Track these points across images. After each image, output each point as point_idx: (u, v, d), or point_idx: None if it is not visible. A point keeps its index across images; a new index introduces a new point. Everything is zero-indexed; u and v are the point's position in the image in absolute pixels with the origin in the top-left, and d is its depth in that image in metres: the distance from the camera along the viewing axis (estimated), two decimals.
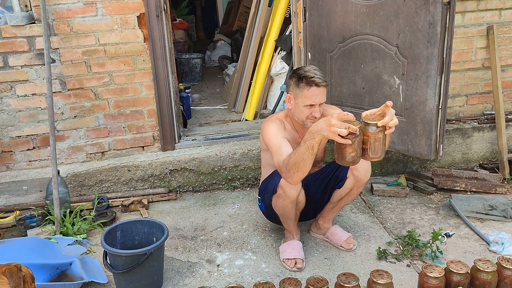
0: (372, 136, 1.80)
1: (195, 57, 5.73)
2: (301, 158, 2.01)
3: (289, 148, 2.21)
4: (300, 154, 2.01)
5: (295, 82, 2.32)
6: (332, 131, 1.81)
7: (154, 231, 2.35)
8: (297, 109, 2.35)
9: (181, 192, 3.33)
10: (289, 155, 2.11)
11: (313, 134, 1.94)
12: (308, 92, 2.27)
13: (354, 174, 2.42)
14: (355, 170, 2.41)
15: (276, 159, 2.22)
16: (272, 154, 2.29)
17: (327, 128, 1.85)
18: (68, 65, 3.00)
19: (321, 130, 1.89)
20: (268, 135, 2.35)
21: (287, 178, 2.14)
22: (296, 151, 2.04)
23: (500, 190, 3.14)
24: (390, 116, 1.79)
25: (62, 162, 3.15)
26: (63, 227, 2.70)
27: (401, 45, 2.75)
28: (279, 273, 2.37)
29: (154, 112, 3.22)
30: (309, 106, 2.30)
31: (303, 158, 2.00)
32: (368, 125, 1.80)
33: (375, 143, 1.81)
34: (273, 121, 2.42)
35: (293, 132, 2.46)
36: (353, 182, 2.45)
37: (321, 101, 2.31)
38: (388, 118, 1.78)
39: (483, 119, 3.54)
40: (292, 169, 2.06)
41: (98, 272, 2.31)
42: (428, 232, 2.67)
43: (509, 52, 3.47)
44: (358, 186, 2.47)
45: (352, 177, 2.44)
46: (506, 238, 2.56)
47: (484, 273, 2.00)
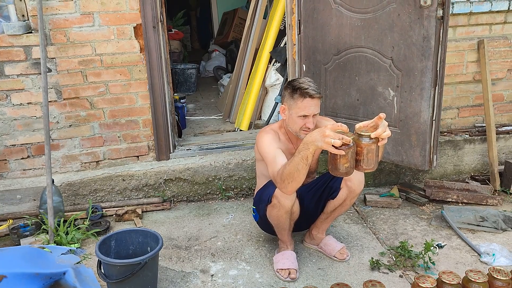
0: (365, 148, 1.82)
1: (190, 67, 5.76)
2: (296, 169, 2.04)
3: (284, 159, 2.23)
4: (294, 164, 2.04)
5: (290, 93, 2.35)
6: (326, 142, 1.84)
7: (149, 240, 2.36)
8: (291, 120, 2.38)
9: (175, 202, 3.33)
10: (284, 165, 2.13)
11: (307, 144, 1.97)
12: (302, 103, 2.30)
13: (347, 185, 2.45)
14: (348, 181, 2.44)
15: (271, 169, 2.24)
16: (267, 165, 2.31)
17: (321, 138, 1.87)
18: (64, 75, 3.01)
19: (315, 141, 1.92)
20: (263, 146, 2.37)
21: (282, 188, 2.17)
22: (291, 162, 2.07)
23: (491, 201, 3.18)
24: (383, 127, 1.82)
25: (56, 171, 3.14)
26: (56, 236, 2.70)
27: (395, 58, 2.79)
28: (273, 283, 2.38)
29: (149, 122, 3.24)
30: (303, 117, 2.33)
31: (298, 168, 2.03)
32: (362, 136, 1.83)
33: (368, 155, 1.84)
34: (267, 132, 2.44)
35: (287, 143, 2.49)
36: (346, 193, 2.47)
37: (315, 112, 2.34)
38: (381, 130, 1.81)
39: (474, 132, 3.59)
40: (287, 179, 2.09)
41: (92, 281, 2.30)
42: (420, 243, 2.69)
43: (499, 66, 3.54)
44: (351, 197, 2.49)
45: (345, 188, 2.47)
46: (497, 250, 2.59)
47: (475, 284, 2.02)
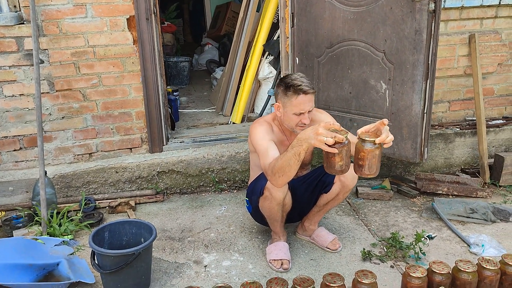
0: (369, 153, 1.83)
1: (183, 60, 5.74)
2: (287, 163, 2.06)
3: (276, 152, 2.25)
4: (286, 159, 2.06)
5: (283, 90, 2.34)
6: (318, 140, 1.87)
7: (142, 231, 2.37)
8: (286, 117, 2.38)
9: (169, 194, 3.34)
10: (276, 159, 2.15)
11: (300, 141, 1.99)
12: (296, 100, 2.30)
13: (341, 180, 2.47)
14: (342, 176, 2.45)
15: (263, 161, 2.26)
16: (259, 156, 2.33)
17: (314, 136, 1.90)
18: (57, 66, 3.00)
19: (308, 138, 1.95)
20: (256, 138, 2.39)
21: (272, 181, 2.19)
22: (283, 156, 2.09)
23: (481, 194, 3.23)
24: (387, 133, 1.85)
25: (49, 163, 3.13)
26: (49, 228, 2.70)
27: (387, 51, 2.82)
28: (265, 274, 2.40)
29: (143, 114, 3.24)
30: (298, 114, 2.33)
31: (289, 163, 2.06)
32: (365, 142, 1.84)
33: (372, 160, 1.85)
34: (261, 124, 2.45)
35: (280, 135, 2.50)
36: (339, 188, 2.50)
37: (310, 109, 2.34)
38: (385, 135, 1.83)
39: (464, 125, 3.63)
40: (278, 172, 2.11)
41: (85, 272, 2.31)
42: (411, 234, 2.73)
43: (490, 60, 3.58)
44: (344, 191, 2.51)
45: (339, 182, 2.49)
46: (486, 241, 2.63)
47: (465, 274, 2.06)
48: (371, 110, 3.00)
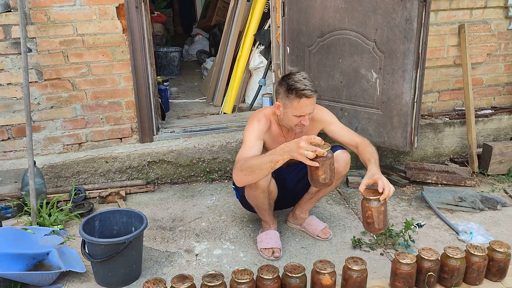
0: (375, 210, 1.96)
1: (173, 50, 5.71)
2: (260, 167, 2.06)
3: (257, 151, 2.25)
4: (261, 162, 2.05)
5: (285, 91, 2.26)
6: (300, 153, 1.91)
7: (133, 220, 2.36)
8: (286, 117, 2.33)
9: (159, 184, 3.33)
10: (251, 157, 2.14)
11: (282, 152, 2.00)
12: (298, 104, 2.23)
13: None
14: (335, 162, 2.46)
15: (240, 153, 2.26)
16: (241, 147, 2.33)
17: (296, 149, 1.93)
18: (45, 55, 2.96)
19: (290, 151, 1.96)
20: (247, 130, 2.37)
21: (235, 175, 2.18)
22: (260, 158, 2.09)
23: (469, 183, 3.27)
24: (388, 187, 1.96)
25: (38, 153, 3.10)
26: (39, 218, 2.68)
27: (378, 40, 2.82)
28: (257, 262, 2.42)
29: (133, 104, 3.22)
30: (298, 116, 2.28)
31: (262, 167, 2.05)
32: (370, 200, 1.96)
33: (380, 216, 1.97)
34: (259, 120, 2.39)
35: (278, 130, 2.46)
36: None
37: (311, 111, 2.29)
38: (387, 191, 1.95)
39: (454, 115, 3.66)
40: (246, 170, 2.10)
41: (76, 261, 2.30)
42: (401, 223, 2.76)
43: (479, 50, 3.60)
44: (337, 178, 2.51)
45: None
46: (474, 228, 2.67)
47: (453, 260, 2.08)
48: (362, 99, 3.01)
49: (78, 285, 2.23)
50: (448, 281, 2.10)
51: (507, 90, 3.83)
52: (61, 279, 2.25)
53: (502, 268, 2.14)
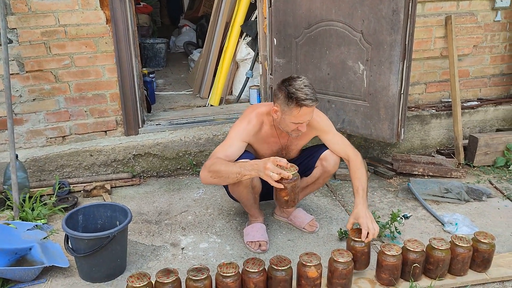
0: (359, 251, 2.12)
1: (159, 42, 5.64)
2: (227, 175, 2.10)
3: (234, 154, 2.23)
4: (228, 171, 2.09)
5: (285, 98, 2.16)
6: (265, 174, 1.98)
7: (117, 214, 2.33)
8: (283, 123, 2.26)
9: (145, 178, 3.30)
10: (222, 162, 2.13)
11: (251, 168, 2.05)
12: (298, 113, 2.16)
13: (323, 165, 2.46)
14: (325, 161, 2.44)
15: (217, 149, 2.25)
16: (222, 143, 2.31)
17: (263, 170, 1.98)
18: (27, 46, 2.89)
19: (258, 170, 2.01)
20: (234, 128, 2.32)
21: (202, 173, 2.18)
22: (228, 166, 2.10)
23: (455, 174, 3.28)
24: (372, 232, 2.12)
25: (20, 147, 3.05)
26: (22, 212, 2.63)
27: (365, 32, 2.80)
28: (243, 255, 2.40)
29: (117, 96, 3.17)
30: (296, 123, 2.22)
31: (228, 176, 2.10)
32: (356, 242, 2.12)
33: (362, 257, 2.13)
34: (250, 121, 2.32)
35: (271, 131, 2.40)
36: (320, 172, 2.49)
37: (310, 118, 2.24)
38: (371, 236, 2.11)
39: (440, 107, 3.67)
40: (213, 173, 2.13)
41: (59, 256, 2.27)
42: (387, 214, 2.76)
43: (465, 42, 3.61)
44: (325, 176, 2.51)
45: (320, 167, 2.48)
46: (459, 219, 2.68)
47: (438, 251, 2.09)
48: (349, 91, 3.00)
49: (61, 280, 2.19)
50: (433, 272, 2.12)
51: (493, 82, 3.85)
52: (44, 275, 2.21)
53: (487, 259, 2.16)
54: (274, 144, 2.43)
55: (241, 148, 2.28)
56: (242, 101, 4.03)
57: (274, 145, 2.44)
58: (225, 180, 2.15)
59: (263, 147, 2.42)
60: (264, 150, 2.44)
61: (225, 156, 2.19)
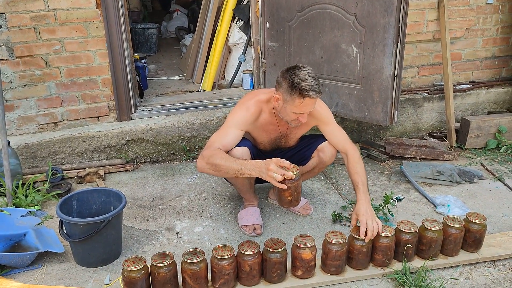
0: (358, 249, 2.07)
1: (150, 27, 5.58)
2: (226, 170, 2.08)
3: (230, 143, 2.21)
4: (228, 167, 2.07)
5: (288, 87, 2.11)
6: (268, 175, 1.96)
7: (112, 200, 2.33)
8: (284, 112, 2.22)
9: (139, 163, 3.29)
10: (222, 155, 2.09)
11: (252, 168, 2.02)
12: (300, 103, 2.12)
13: (320, 155, 2.46)
14: (322, 152, 2.44)
15: (214, 138, 2.21)
16: (218, 130, 2.27)
17: (265, 171, 1.97)
18: (16, 31, 2.85)
19: (260, 171, 2.00)
20: (232, 115, 2.29)
21: (199, 162, 2.14)
22: (229, 161, 2.07)
23: (447, 157, 3.31)
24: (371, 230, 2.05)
25: (12, 133, 3.02)
26: (15, 199, 2.62)
27: (359, 14, 2.79)
28: (238, 239, 2.42)
29: (109, 81, 3.14)
30: (297, 113, 2.18)
31: (228, 172, 2.08)
32: (357, 239, 2.07)
33: (359, 256, 2.08)
34: (248, 108, 2.28)
35: (270, 118, 2.37)
36: (316, 163, 2.49)
37: (311, 109, 2.21)
38: (370, 234, 2.05)
39: (433, 90, 3.68)
40: (211, 165, 2.10)
41: (54, 242, 2.26)
42: (380, 197, 2.79)
43: (458, 25, 3.61)
44: (320, 167, 2.52)
45: (317, 157, 2.48)
46: (451, 201, 2.71)
47: (431, 232, 2.12)
48: (343, 74, 2.99)
49: (57, 266, 2.20)
50: (426, 252, 2.14)
51: (485, 64, 3.86)
52: (40, 260, 2.21)
53: (478, 239, 2.19)
54: (273, 132, 2.42)
55: (238, 136, 2.26)
56: (235, 86, 4.02)
57: (273, 133, 2.43)
58: (223, 175, 2.15)
59: (262, 135, 2.41)
60: (262, 137, 2.43)
61: (222, 146, 2.17)
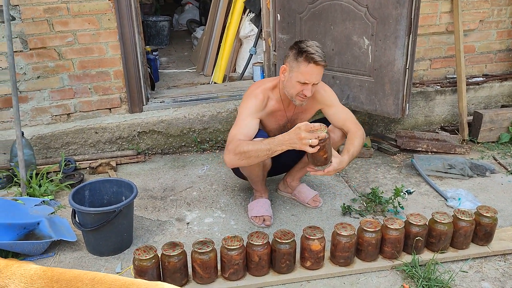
0: (367, 241, 2.08)
1: (162, 19, 5.59)
2: (256, 154, 2.09)
3: (251, 132, 2.23)
4: (258, 150, 2.08)
5: (295, 54, 2.20)
6: (304, 144, 1.97)
7: (123, 190, 2.36)
8: (290, 83, 2.26)
9: (150, 155, 3.32)
10: (248, 142, 2.12)
11: (281, 143, 2.03)
12: (305, 68, 2.17)
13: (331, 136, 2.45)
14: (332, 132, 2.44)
15: (234, 132, 2.23)
16: (234, 124, 2.29)
17: (298, 141, 1.98)
18: (29, 23, 2.88)
19: (292, 143, 2.00)
20: (242, 106, 2.32)
21: (227, 157, 2.17)
22: (256, 145, 2.09)
23: (459, 150, 3.28)
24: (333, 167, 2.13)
25: (26, 124, 3.07)
26: (29, 188, 2.67)
27: (370, 6, 2.77)
28: (247, 230, 2.43)
29: (121, 73, 3.16)
30: (302, 83, 2.22)
31: (258, 155, 2.09)
32: (366, 231, 2.07)
33: (368, 248, 2.08)
34: (256, 96, 2.32)
35: (277, 105, 2.40)
36: None
37: (316, 81, 2.23)
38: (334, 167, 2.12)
39: (445, 83, 3.65)
40: (240, 155, 2.11)
41: (67, 231, 2.31)
42: (390, 190, 2.78)
43: (471, 17, 3.56)
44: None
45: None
46: (463, 194, 2.69)
47: (441, 225, 2.11)
48: (354, 66, 2.98)
49: (70, 254, 2.24)
50: (435, 245, 2.14)
51: (499, 57, 3.81)
52: (53, 248, 2.26)
53: (489, 232, 2.18)
54: (280, 118, 2.43)
55: (256, 125, 2.28)
56: (246, 78, 4.02)
57: (281, 119, 2.44)
58: (255, 160, 2.13)
59: (270, 121, 2.42)
60: (272, 124, 2.45)
61: (245, 137, 2.19)
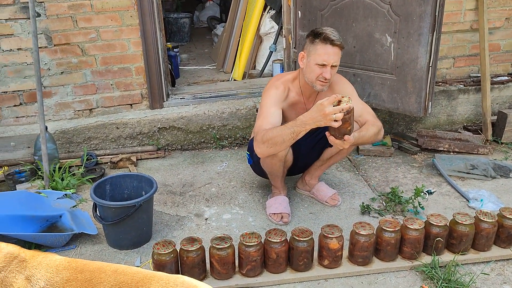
0: (386, 241, 2.05)
1: (183, 16, 5.63)
2: (282, 139, 2.08)
3: (276, 120, 2.24)
4: (282, 134, 2.08)
5: (311, 38, 2.27)
6: (329, 119, 1.95)
7: (143, 185, 2.38)
8: (308, 68, 2.30)
9: (170, 150, 3.35)
10: (272, 129, 2.13)
11: (305, 123, 2.02)
12: (322, 49, 2.22)
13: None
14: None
15: (259, 123, 2.25)
16: (258, 117, 2.31)
17: (322, 118, 1.96)
18: (54, 20, 2.94)
19: (316, 121, 1.99)
20: (264, 98, 2.35)
21: (257, 148, 2.19)
22: (280, 129, 2.09)
23: (482, 150, 3.22)
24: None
25: (49, 119, 3.13)
26: (52, 182, 2.72)
27: (394, 3, 2.74)
28: (265, 227, 2.44)
29: (142, 70, 3.20)
30: (320, 66, 2.25)
31: (284, 139, 2.08)
32: (385, 231, 2.05)
33: (387, 247, 2.06)
34: (277, 87, 2.36)
35: (297, 97, 2.42)
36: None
37: (334, 63, 2.25)
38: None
39: (469, 82, 3.58)
40: (267, 142, 2.12)
41: (88, 224, 2.35)
42: (411, 190, 2.74)
43: (497, 14, 3.48)
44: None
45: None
46: (485, 195, 2.64)
47: (462, 226, 2.08)
48: (376, 64, 2.95)
49: (90, 247, 2.28)
50: (456, 246, 2.11)
51: None
52: (74, 241, 2.30)
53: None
54: (300, 110, 2.42)
55: (280, 114, 2.30)
56: (265, 76, 4.02)
57: (301, 111, 2.41)
58: (282, 145, 2.14)
59: (291, 114, 2.42)
60: (292, 116, 2.43)
61: (271, 125, 2.21)
